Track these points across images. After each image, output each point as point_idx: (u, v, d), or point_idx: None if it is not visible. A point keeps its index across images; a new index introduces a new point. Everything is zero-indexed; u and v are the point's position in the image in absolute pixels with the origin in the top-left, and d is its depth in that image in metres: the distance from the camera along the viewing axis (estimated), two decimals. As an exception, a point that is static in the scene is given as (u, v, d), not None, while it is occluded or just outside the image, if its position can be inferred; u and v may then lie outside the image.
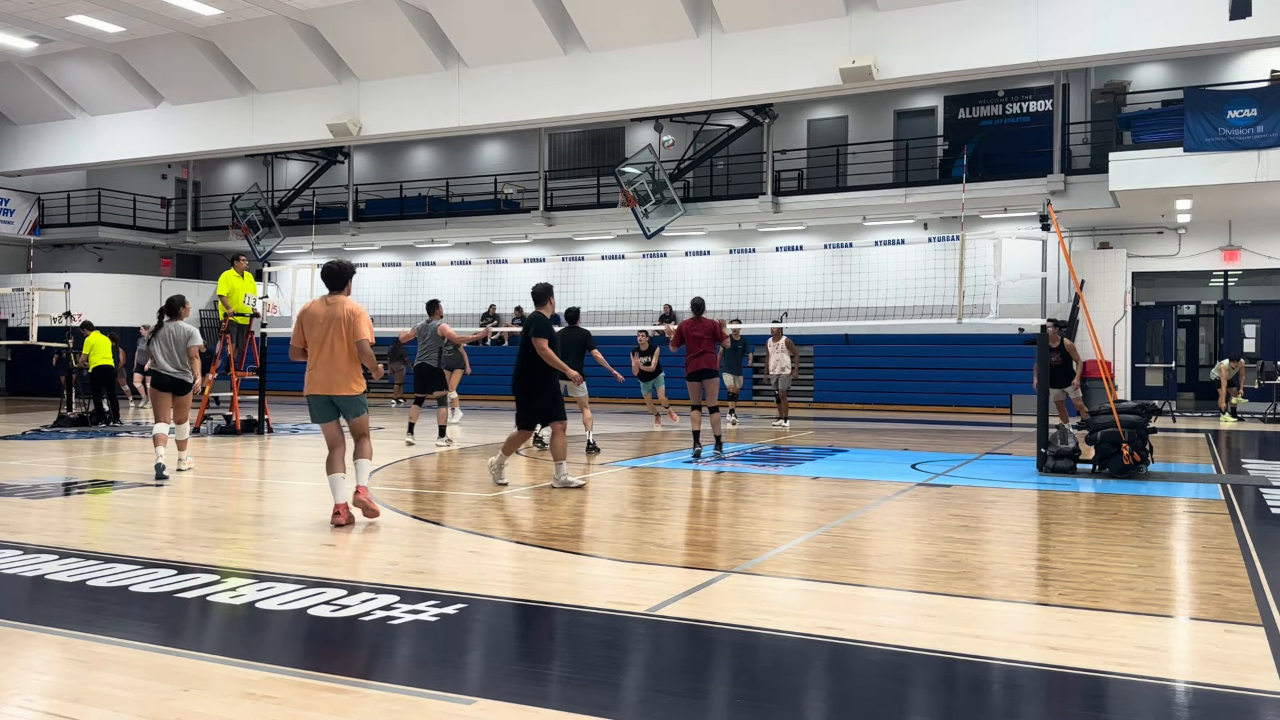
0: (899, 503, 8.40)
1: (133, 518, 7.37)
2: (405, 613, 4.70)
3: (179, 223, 31.91)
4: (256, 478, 10.33)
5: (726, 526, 7.25)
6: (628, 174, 21.48)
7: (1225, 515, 7.71)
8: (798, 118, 25.34)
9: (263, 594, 5.06)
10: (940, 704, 3.71)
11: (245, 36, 21.50)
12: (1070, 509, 8.20)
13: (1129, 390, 21.47)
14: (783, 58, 17.70)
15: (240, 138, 23.60)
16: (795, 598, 5.21)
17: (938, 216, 23.08)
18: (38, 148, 26.53)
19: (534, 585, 5.34)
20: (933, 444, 13.94)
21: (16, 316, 25.12)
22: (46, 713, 3.47)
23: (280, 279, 27.28)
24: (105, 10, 20.43)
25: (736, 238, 25.73)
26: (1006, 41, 16.26)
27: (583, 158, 28.26)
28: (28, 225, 29.99)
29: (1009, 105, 22.63)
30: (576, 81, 19.60)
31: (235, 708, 3.51)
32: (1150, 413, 10.35)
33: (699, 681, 3.93)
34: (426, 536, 6.84)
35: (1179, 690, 3.81)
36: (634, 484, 9.61)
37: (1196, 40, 15.32)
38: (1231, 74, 20.76)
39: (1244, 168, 16.95)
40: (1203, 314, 26.47)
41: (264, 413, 14.55)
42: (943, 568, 5.77)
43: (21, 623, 4.56)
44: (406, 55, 20.67)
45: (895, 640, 4.33)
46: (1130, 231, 22.24)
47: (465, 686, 3.79)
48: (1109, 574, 5.63)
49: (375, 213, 29.01)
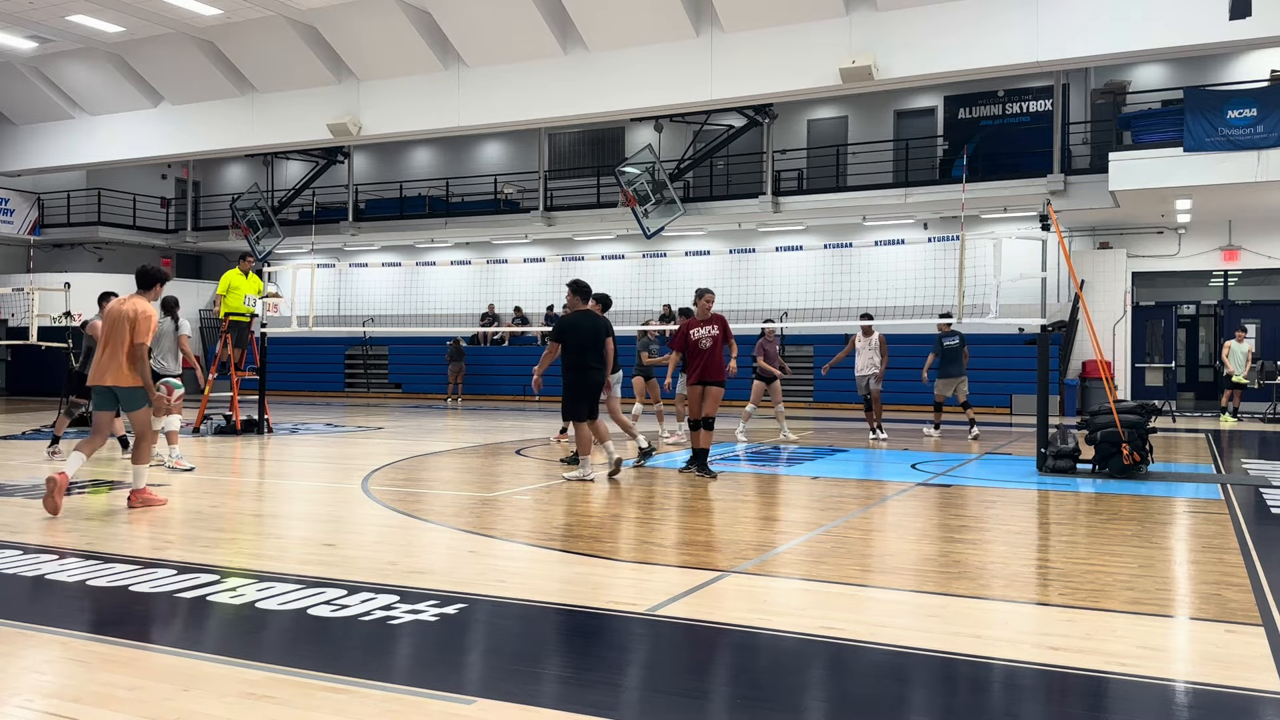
0: (899, 503, 8.40)
1: (133, 518, 7.37)
2: (405, 613, 4.70)
3: (179, 223, 31.91)
4: (256, 478, 10.32)
5: (726, 526, 7.25)
6: (628, 174, 21.48)
7: (1225, 515, 7.71)
8: (798, 118, 25.34)
9: (263, 594, 5.06)
10: (941, 704, 3.71)
11: (245, 36, 21.49)
12: (1070, 509, 8.20)
13: (1129, 390, 21.49)
14: (783, 58, 17.70)
15: (240, 138, 23.59)
16: (795, 598, 5.21)
17: (938, 216, 23.08)
18: (38, 148, 26.52)
19: (534, 585, 5.33)
20: (933, 444, 13.94)
21: (16, 316, 25.12)
22: (46, 713, 3.47)
23: (280, 279, 27.28)
24: (105, 10, 20.42)
25: (736, 238, 25.73)
26: (1006, 41, 16.26)
27: (583, 158, 28.26)
28: (28, 225, 29.99)
29: (1009, 105, 22.64)
30: (576, 81, 19.60)
31: (235, 708, 3.51)
32: (1150, 413, 10.35)
33: (699, 681, 3.94)
34: (426, 536, 6.84)
35: (1179, 690, 3.81)
36: (634, 484, 9.61)
37: (1196, 40, 15.31)
38: (1231, 74, 20.76)
39: (1244, 168, 16.96)
40: (1203, 314, 26.48)
41: (264, 413, 14.55)
42: (943, 568, 5.77)
43: (21, 623, 4.56)
44: (406, 55, 20.67)
45: (896, 640, 4.33)
46: (1130, 231, 22.24)
47: (465, 686, 3.78)
48: (1109, 574, 5.63)
49: (375, 213, 29.01)
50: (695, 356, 9.89)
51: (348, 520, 7.54)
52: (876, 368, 14.46)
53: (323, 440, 14.06)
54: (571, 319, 9.41)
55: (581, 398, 9.35)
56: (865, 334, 14.51)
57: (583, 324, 9.35)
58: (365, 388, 28.95)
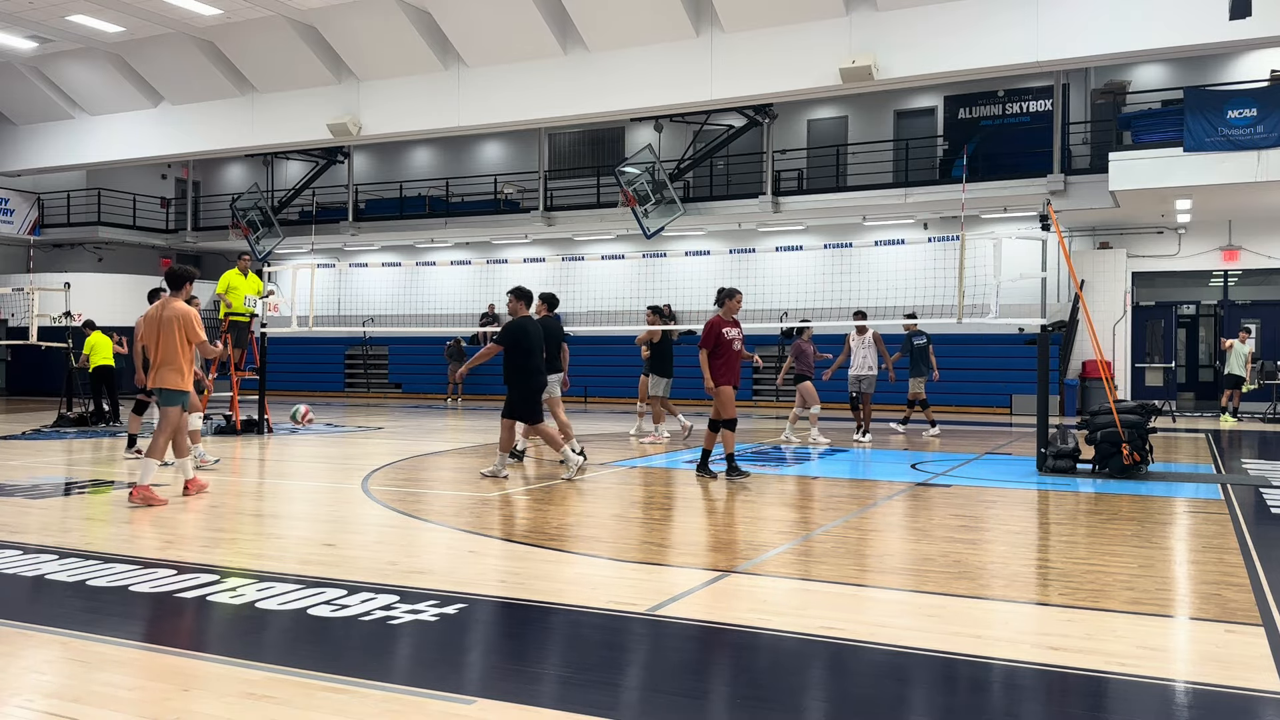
0: (899, 503, 8.40)
1: (133, 518, 7.37)
2: (405, 613, 4.70)
3: (179, 223, 31.90)
4: (256, 478, 10.32)
5: (726, 526, 7.25)
6: (628, 174, 21.47)
7: (1225, 515, 7.71)
8: (798, 118, 25.34)
9: (263, 594, 5.06)
10: (940, 704, 3.71)
11: (245, 36, 21.49)
12: (1070, 509, 8.20)
13: (1129, 390, 21.48)
14: (783, 58, 17.69)
15: (240, 138, 23.59)
16: (795, 598, 5.21)
17: (938, 216, 23.08)
18: (38, 148, 26.52)
19: (534, 585, 5.33)
20: (933, 444, 13.94)
21: (16, 316, 25.13)
22: (46, 713, 3.47)
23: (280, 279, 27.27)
24: (105, 10, 20.42)
25: (736, 238, 25.73)
26: (1006, 41, 16.25)
27: (583, 158, 28.26)
28: (28, 225, 29.99)
29: (1009, 105, 22.63)
30: (576, 81, 19.60)
31: (235, 707, 3.51)
32: (1150, 412, 10.36)
33: (699, 681, 3.94)
34: (426, 536, 6.85)
35: (1179, 690, 3.81)
36: (634, 484, 9.61)
37: (1196, 40, 15.30)
38: (1231, 74, 20.76)
39: (1244, 168, 16.95)
40: (1203, 314, 26.48)
41: (264, 413, 14.55)
42: (943, 568, 5.77)
43: (21, 623, 4.56)
44: (406, 55, 20.66)
45: (895, 640, 4.33)
46: (1130, 231, 22.24)
47: (465, 686, 3.78)
48: (1109, 574, 5.63)
49: (375, 213, 29.01)
50: (728, 357, 9.72)
51: (348, 520, 7.55)
52: (873, 368, 14.25)
53: (323, 440, 14.06)
54: (519, 323, 9.65)
55: (523, 401, 9.57)
56: (859, 333, 14.30)
57: (529, 329, 9.65)
58: (365, 388, 28.95)
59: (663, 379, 13.80)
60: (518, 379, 9.56)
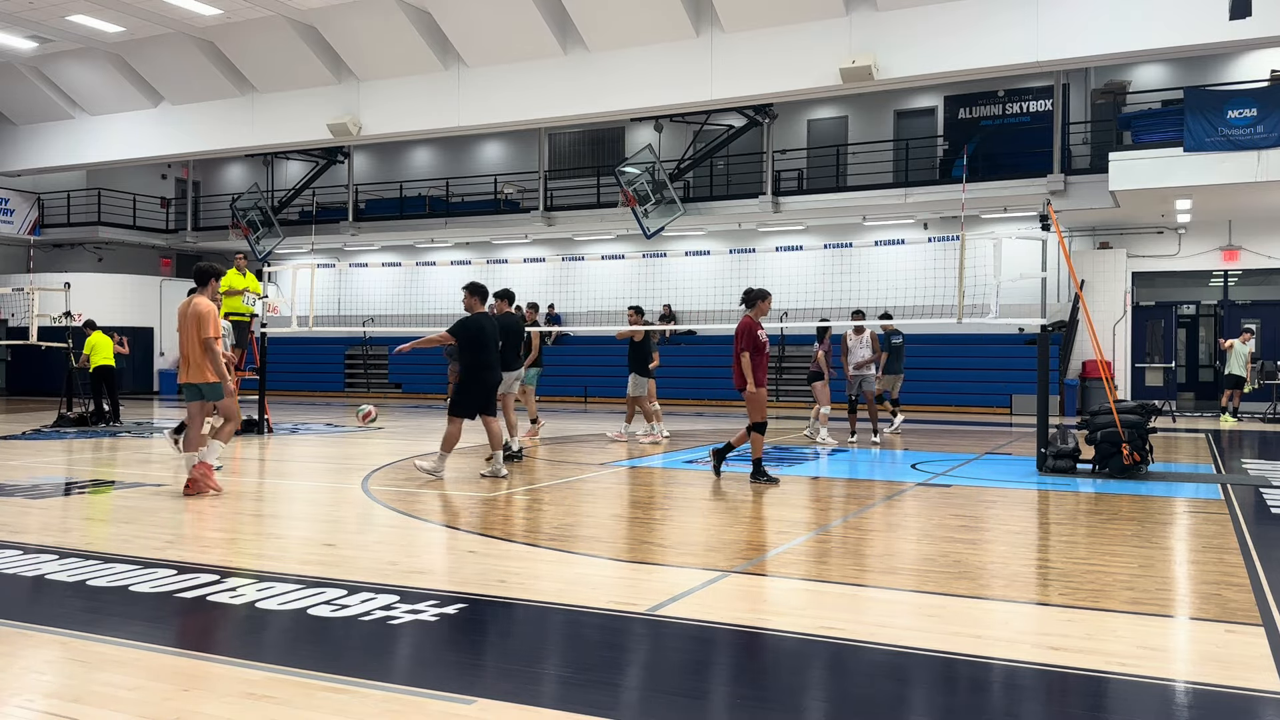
0: (899, 503, 8.40)
1: (133, 518, 7.37)
2: (405, 613, 4.70)
3: (179, 223, 31.90)
4: (256, 478, 10.32)
5: (726, 526, 7.25)
6: (628, 174, 21.47)
7: (1225, 515, 7.71)
8: (798, 118, 25.34)
9: (263, 594, 5.06)
10: (941, 704, 3.71)
11: (245, 36, 21.49)
12: (1070, 509, 8.20)
13: (1129, 390, 21.48)
14: (783, 58, 17.69)
15: (240, 138, 23.59)
16: (795, 598, 5.21)
17: (938, 216, 23.08)
18: (38, 148, 26.52)
19: (534, 585, 5.33)
20: (933, 444, 13.94)
21: (16, 316, 25.12)
22: (46, 713, 3.47)
23: (280, 279, 27.26)
24: (105, 10, 20.42)
25: (736, 238, 25.73)
26: (1006, 41, 16.25)
27: (583, 158, 28.26)
28: (28, 225, 29.99)
29: (1009, 105, 22.63)
30: (576, 81, 19.60)
31: (235, 708, 3.51)
32: (1150, 413, 10.36)
33: (699, 681, 3.93)
34: (426, 536, 6.85)
35: (1179, 690, 3.81)
36: (633, 484, 9.61)
37: (1196, 40, 15.30)
38: (1231, 74, 20.76)
39: (1244, 168, 16.96)
40: (1203, 314, 26.48)
41: (264, 412, 14.55)
42: (943, 568, 5.77)
43: (21, 623, 4.56)
44: (406, 55, 20.66)
45: (896, 640, 4.33)
46: (1130, 231, 22.24)
47: (465, 686, 3.78)
48: (1109, 574, 5.63)
49: (375, 213, 29.01)
50: (762, 358, 9.59)
51: (348, 520, 7.55)
52: (872, 368, 14.18)
53: (323, 440, 14.06)
54: (474, 319, 9.66)
55: (473, 397, 9.56)
56: (857, 333, 14.19)
57: (484, 325, 9.65)
58: (365, 388, 28.94)
59: (643, 379, 13.80)
60: (471, 375, 9.57)
